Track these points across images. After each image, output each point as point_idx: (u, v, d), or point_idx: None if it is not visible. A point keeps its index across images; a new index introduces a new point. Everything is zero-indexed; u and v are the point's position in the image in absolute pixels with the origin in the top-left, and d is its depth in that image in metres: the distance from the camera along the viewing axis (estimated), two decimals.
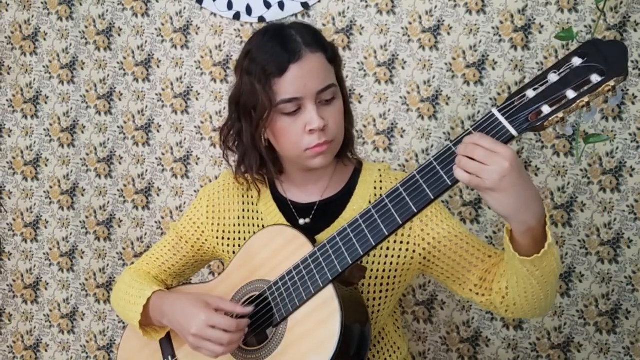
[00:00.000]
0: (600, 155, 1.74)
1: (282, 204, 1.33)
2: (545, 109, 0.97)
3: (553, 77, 0.98)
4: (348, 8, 1.85)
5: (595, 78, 0.95)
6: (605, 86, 0.94)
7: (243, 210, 1.35)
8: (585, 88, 0.95)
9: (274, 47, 1.19)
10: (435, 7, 1.79)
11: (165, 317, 1.27)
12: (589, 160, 1.75)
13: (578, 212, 1.77)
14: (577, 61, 0.97)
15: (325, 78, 1.20)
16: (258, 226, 1.33)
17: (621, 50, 0.95)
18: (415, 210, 1.05)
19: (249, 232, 1.33)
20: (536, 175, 1.77)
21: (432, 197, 1.03)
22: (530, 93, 0.99)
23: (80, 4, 2.03)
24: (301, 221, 1.31)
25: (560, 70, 0.98)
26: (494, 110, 1.00)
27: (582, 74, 0.96)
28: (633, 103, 1.70)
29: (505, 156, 0.96)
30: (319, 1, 1.85)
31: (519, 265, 1.05)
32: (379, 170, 1.33)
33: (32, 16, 2.08)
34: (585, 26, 1.70)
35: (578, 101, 0.95)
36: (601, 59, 0.95)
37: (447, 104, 1.81)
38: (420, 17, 1.80)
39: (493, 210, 1.01)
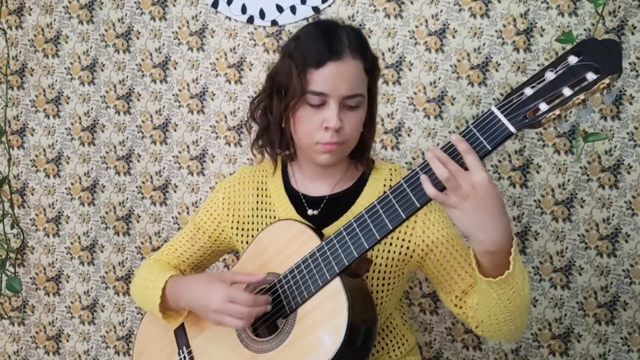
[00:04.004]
0: (599, 154, 1.78)
1: (294, 196, 1.36)
2: (543, 107, 0.98)
3: (550, 75, 0.99)
4: (357, 12, 1.90)
5: (590, 76, 0.95)
6: (600, 84, 0.95)
7: (257, 202, 1.39)
8: (581, 86, 0.96)
9: (320, 41, 1.22)
10: (441, 11, 1.83)
11: (183, 298, 1.29)
12: (589, 158, 1.78)
13: (578, 208, 1.81)
14: (573, 59, 0.98)
15: (355, 86, 1.23)
16: (271, 217, 1.36)
17: (616, 48, 0.95)
18: (418, 205, 1.06)
19: (262, 223, 1.37)
20: (537, 172, 1.82)
21: None
22: (528, 91, 0.99)
23: (100, 8, 2.08)
24: (310, 212, 1.34)
25: (557, 69, 0.98)
26: (494, 108, 1.01)
27: (577, 72, 0.96)
28: (631, 103, 1.74)
29: (475, 179, 0.98)
30: (330, 5, 1.90)
31: (479, 281, 1.08)
32: (390, 169, 1.35)
33: (54, 20, 2.12)
34: (585, 29, 1.74)
35: (574, 99, 0.96)
36: (596, 57, 0.96)
37: (452, 104, 1.85)
38: (426, 21, 1.85)
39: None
